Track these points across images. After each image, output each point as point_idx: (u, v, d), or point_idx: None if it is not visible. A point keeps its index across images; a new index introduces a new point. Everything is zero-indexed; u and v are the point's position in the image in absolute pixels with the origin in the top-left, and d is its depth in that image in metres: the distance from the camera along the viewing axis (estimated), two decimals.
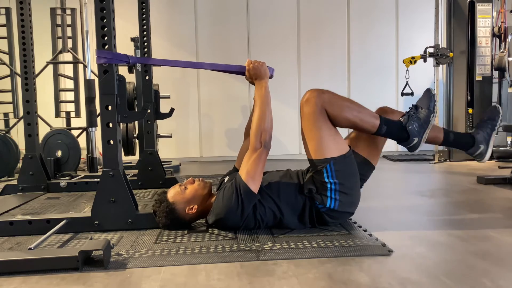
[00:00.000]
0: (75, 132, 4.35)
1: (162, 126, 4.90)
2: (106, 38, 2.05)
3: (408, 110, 2.05)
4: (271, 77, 2.06)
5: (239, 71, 2.10)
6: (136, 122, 4.27)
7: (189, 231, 1.99)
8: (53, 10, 4.64)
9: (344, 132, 2.05)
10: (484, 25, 4.63)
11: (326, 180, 1.90)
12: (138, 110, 2.82)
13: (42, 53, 4.52)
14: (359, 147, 2.10)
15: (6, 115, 4.76)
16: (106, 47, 2.05)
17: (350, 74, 5.60)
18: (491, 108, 2.19)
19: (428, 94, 2.03)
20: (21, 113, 4.01)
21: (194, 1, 5.44)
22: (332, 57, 5.57)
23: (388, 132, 1.96)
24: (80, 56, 4.54)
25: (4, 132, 4.29)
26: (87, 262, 1.59)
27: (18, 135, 4.73)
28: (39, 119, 3.34)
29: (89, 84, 3.63)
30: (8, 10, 4.60)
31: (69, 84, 4.86)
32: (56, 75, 4.76)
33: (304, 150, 1.99)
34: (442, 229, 2.03)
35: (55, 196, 3.04)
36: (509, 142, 4.80)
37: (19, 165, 3.79)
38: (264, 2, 5.49)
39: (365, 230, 1.94)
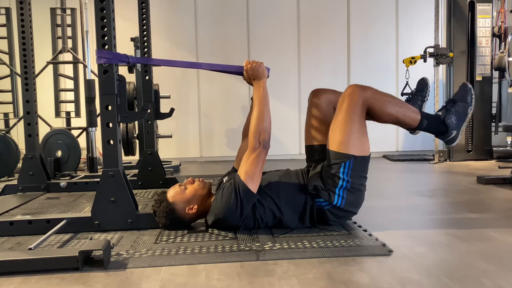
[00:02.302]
0: (75, 132, 4.35)
1: (162, 126, 4.90)
2: (106, 38, 2.05)
3: (445, 104, 2.08)
4: (267, 77, 2.06)
5: (237, 71, 2.10)
6: (136, 122, 4.27)
7: (189, 231, 1.99)
8: (53, 10, 4.64)
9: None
10: (484, 25, 4.63)
11: (341, 176, 1.90)
12: (138, 110, 2.82)
13: (42, 53, 4.53)
14: (318, 138, 2.11)
15: (6, 115, 4.76)
16: (106, 47, 2.05)
17: (350, 74, 5.60)
18: (419, 80, 2.32)
19: (465, 87, 2.07)
20: (21, 113, 4.01)
21: (194, 1, 5.44)
22: (332, 57, 5.57)
23: (428, 126, 2.00)
24: (80, 56, 4.54)
25: (4, 132, 4.30)
26: (87, 262, 1.59)
27: (18, 135, 4.73)
28: (39, 119, 3.34)
29: (89, 84, 3.63)
30: (8, 10, 4.60)
31: (69, 84, 4.86)
32: (56, 75, 4.77)
33: (328, 140, 1.97)
34: (442, 229, 2.03)
35: (55, 196, 3.04)
36: (509, 142, 4.80)
37: (19, 165, 3.79)
38: (264, 2, 5.49)
39: (365, 230, 1.94)
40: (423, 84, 2.30)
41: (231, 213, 1.88)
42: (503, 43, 4.53)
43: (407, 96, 2.33)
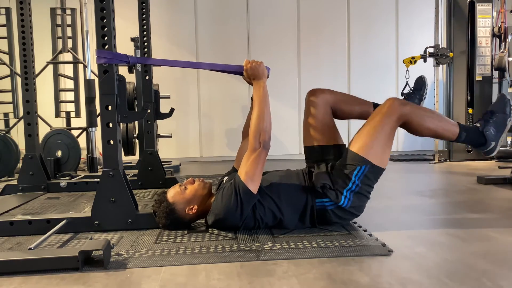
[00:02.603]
0: (75, 132, 4.35)
1: (162, 126, 4.90)
2: (106, 38, 2.05)
3: (483, 114, 2.09)
4: (267, 76, 2.06)
5: (237, 71, 2.10)
6: (136, 122, 4.27)
7: (189, 231, 1.99)
8: (53, 10, 4.64)
9: (342, 125, 2.05)
10: (484, 25, 4.63)
11: (353, 178, 1.90)
12: (138, 110, 2.82)
13: (42, 53, 4.52)
14: (317, 138, 2.12)
15: (6, 115, 4.76)
16: (106, 47, 2.05)
17: (350, 74, 5.60)
18: (417, 79, 2.37)
19: (503, 99, 2.09)
20: (21, 113, 4.01)
21: (194, 1, 5.44)
22: (332, 57, 5.57)
23: (466, 138, 2.01)
24: (80, 56, 4.54)
25: (4, 132, 4.29)
26: (87, 262, 1.59)
27: (18, 135, 4.73)
28: (39, 119, 3.34)
29: (89, 84, 3.63)
30: (8, 10, 4.60)
31: (69, 84, 4.86)
32: (56, 75, 4.77)
33: (352, 140, 1.98)
34: (442, 229, 2.03)
35: (55, 196, 3.04)
36: (509, 142, 4.80)
37: (19, 165, 3.79)
38: (264, 2, 5.49)
39: (365, 230, 1.94)
40: (420, 82, 2.30)
41: (231, 214, 1.88)
42: (503, 43, 4.53)
43: (406, 92, 2.33)
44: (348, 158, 1.93)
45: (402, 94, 4.55)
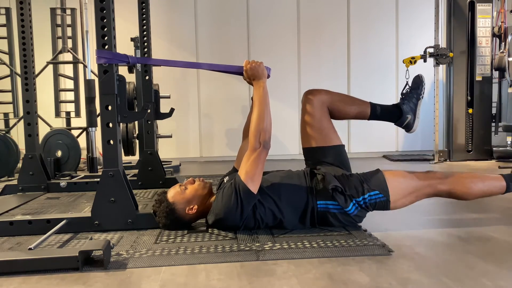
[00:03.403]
0: (75, 132, 4.35)
1: (162, 126, 4.90)
2: (106, 38, 2.05)
3: None
4: (268, 77, 2.06)
5: (237, 71, 2.10)
6: (136, 122, 4.27)
7: (189, 231, 1.99)
8: (53, 10, 4.64)
9: (342, 126, 2.05)
10: (484, 25, 4.63)
11: (367, 196, 1.91)
12: (138, 110, 2.82)
13: (42, 53, 4.52)
14: (315, 139, 2.12)
15: (6, 115, 4.76)
16: (106, 47, 2.05)
17: (350, 74, 5.60)
18: (415, 78, 2.30)
19: None
20: (21, 113, 4.01)
21: (194, 1, 5.44)
22: (332, 57, 5.57)
23: None
24: (80, 56, 4.54)
25: (4, 132, 4.30)
26: (87, 262, 1.59)
27: (18, 135, 4.72)
28: (39, 119, 3.34)
29: (89, 84, 3.63)
30: (8, 10, 4.60)
31: (69, 84, 4.86)
32: (56, 75, 4.76)
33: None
34: (442, 229, 2.03)
35: (55, 196, 3.04)
36: (509, 142, 4.80)
37: (19, 165, 3.79)
38: (264, 2, 5.49)
39: (365, 230, 1.94)
40: (418, 81, 2.29)
41: (231, 214, 1.88)
42: (503, 43, 4.53)
43: (404, 92, 2.31)
44: (375, 177, 1.96)
45: (402, 94, 4.56)
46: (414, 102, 2.25)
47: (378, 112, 2.17)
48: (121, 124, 2.17)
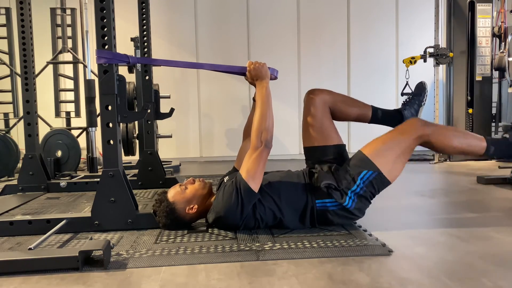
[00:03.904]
0: (75, 132, 4.35)
1: (162, 126, 4.90)
2: (106, 38, 2.05)
3: (511, 125, 2.08)
4: (275, 78, 2.07)
5: (239, 71, 2.10)
6: (136, 122, 4.27)
7: (189, 231, 1.99)
8: (53, 10, 4.64)
9: (342, 126, 2.05)
10: (484, 25, 4.63)
11: (358, 181, 1.90)
12: (138, 110, 2.82)
13: (42, 53, 4.52)
14: (317, 138, 2.11)
15: (6, 115, 4.76)
16: (106, 47, 2.05)
17: (350, 74, 5.60)
18: (418, 84, 2.31)
19: None
20: (21, 113, 4.01)
21: (194, 1, 5.44)
22: (332, 57, 5.57)
23: (496, 151, 2.00)
24: (80, 56, 4.54)
25: (4, 132, 4.30)
26: (87, 262, 1.59)
27: (18, 135, 4.73)
28: (39, 119, 3.34)
29: (89, 84, 3.63)
30: (8, 10, 4.60)
31: (69, 84, 4.86)
32: (56, 75, 4.77)
33: (367, 144, 1.98)
34: (442, 229, 2.03)
35: (55, 196, 3.04)
36: None
37: (19, 165, 3.79)
38: (264, 2, 5.49)
39: (365, 230, 1.94)
40: (421, 88, 2.29)
41: (231, 212, 1.88)
42: (503, 43, 4.52)
43: (406, 98, 2.33)
44: (357, 159, 1.94)
45: (402, 94, 4.57)
46: (416, 109, 2.25)
47: (379, 116, 2.17)
48: (121, 124, 2.17)
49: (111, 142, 2.06)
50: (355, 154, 1.98)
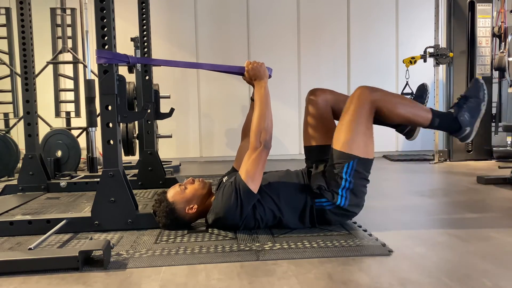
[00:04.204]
0: (75, 132, 4.35)
1: (162, 126, 4.90)
2: (106, 38, 2.05)
3: (457, 100, 2.07)
4: (269, 77, 2.06)
5: (238, 71, 2.11)
6: (136, 122, 4.27)
7: (189, 231, 1.99)
8: (53, 10, 4.64)
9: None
10: (484, 25, 4.63)
11: (343, 176, 1.90)
12: (138, 110, 2.82)
13: (42, 53, 4.52)
14: (317, 138, 2.11)
15: (6, 115, 4.76)
16: (106, 47, 2.05)
17: (350, 74, 5.60)
18: (419, 86, 2.33)
19: (477, 83, 2.05)
20: (21, 113, 4.01)
21: (194, 1, 5.44)
22: (332, 57, 5.57)
23: (440, 124, 1.99)
24: (80, 56, 4.54)
25: (4, 132, 4.29)
26: (87, 262, 1.59)
27: (18, 135, 4.73)
28: (39, 119, 3.34)
29: (89, 84, 3.63)
30: (8, 10, 4.60)
31: (69, 84, 4.86)
32: (56, 75, 4.77)
33: (333, 140, 1.97)
34: (442, 229, 2.03)
35: (55, 196, 3.04)
36: (509, 142, 4.80)
37: (19, 165, 3.79)
38: (264, 2, 5.49)
39: (365, 230, 1.94)
40: (422, 90, 2.29)
41: (231, 213, 1.88)
42: (503, 43, 4.52)
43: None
44: (335, 158, 1.93)
45: (402, 94, 4.57)
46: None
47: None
48: (121, 124, 2.17)
49: (111, 142, 2.06)
50: (331, 152, 1.97)
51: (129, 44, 4.48)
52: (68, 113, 4.80)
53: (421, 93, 2.29)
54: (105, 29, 2.06)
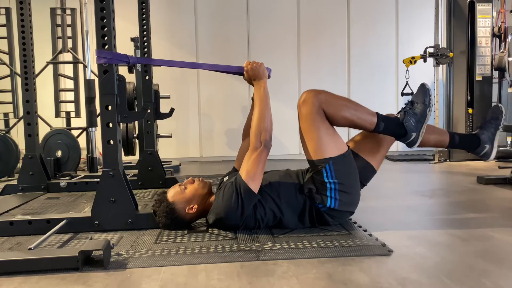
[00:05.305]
0: (75, 132, 4.35)
1: (162, 126, 4.90)
2: (106, 38, 2.05)
3: (404, 106, 2.06)
4: (268, 77, 2.06)
5: (237, 71, 2.11)
6: (136, 122, 4.27)
7: (189, 231, 1.99)
8: (53, 10, 4.64)
9: (342, 132, 2.05)
10: (484, 25, 4.63)
11: (326, 180, 1.90)
12: (138, 110, 2.82)
13: (42, 53, 4.52)
14: (363, 150, 2.10)
15: (6, 115, 4.76)
16: (106, 47, 2.05)
17: (350, 74, 5.60)
18: (493, 107, 2.25)
19: (423, 89, 2.03)
20: (21, 113, 4.01)
21: (194, 1, 5.44)
22: (332, 57, 5.57)
23: (385, 128, 1.97)
24: (80, 56, 4.54)
25: (4, 132, 4.29)
26: (87, 262, 1.59)
27: (18, 135, 4.73)
28: (39, 119, 3.34)
29: (89, 84, 3.63)
30: (8, 10, 4.60)
31: (69, 84, 4.86)
32: (56, 75, 4.76)
33: (304, 151, 1.99)
34: (442, 229, 2.03)
35: (55, 196, 3.04)
36: (509, 142, 4.80)
37: (19, 165, 3.79)
38: (264, 2, 5.49)
39: (365, 230, 1.94)
40: (497, 111, 2.26)
41: (232, 213, 1.88)
42: (503, 43, 4.52)
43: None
44: (312, 167, 1.95)
45: (402, 94, 4.57)
46: (493, 132, 2.29)
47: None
48: (121, 124, 2.17)
49: (111, 142, 2.06)
50: (309, 163, 1.97)
51: (129, 44, 4.48)
52: (68, 113, 4.79)
53: (496, 115, 2.24)
54: (105, 29, 2.06)
